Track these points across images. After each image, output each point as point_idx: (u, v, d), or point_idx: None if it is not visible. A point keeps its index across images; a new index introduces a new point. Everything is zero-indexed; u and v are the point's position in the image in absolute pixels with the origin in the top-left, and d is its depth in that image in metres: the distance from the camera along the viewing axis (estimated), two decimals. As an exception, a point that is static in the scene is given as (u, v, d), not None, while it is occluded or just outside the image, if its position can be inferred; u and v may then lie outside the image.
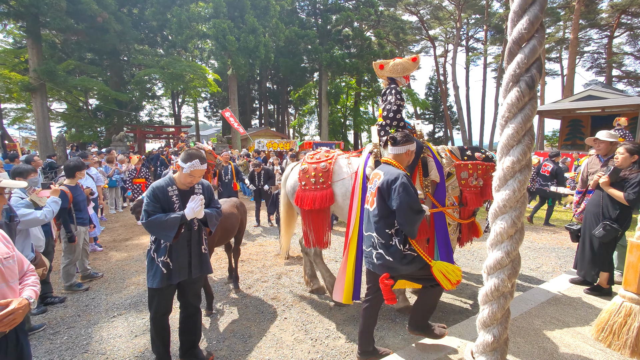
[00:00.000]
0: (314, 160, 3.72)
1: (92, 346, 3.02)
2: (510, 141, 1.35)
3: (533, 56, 1.24)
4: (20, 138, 22.16)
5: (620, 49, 29.60)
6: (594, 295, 3.64)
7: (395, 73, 3.46)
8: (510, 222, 1.41)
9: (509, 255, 1.45)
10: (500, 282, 1.48)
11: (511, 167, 1.35)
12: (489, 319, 1.60)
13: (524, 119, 1.30)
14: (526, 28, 1.21)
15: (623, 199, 3.32)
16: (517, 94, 1.29)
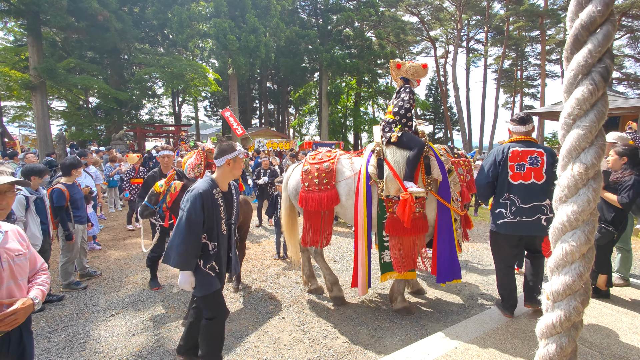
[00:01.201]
0: (316, 161, 3.69)
1: (89, 345, 3.02)
2: (582, 143, 1.13)
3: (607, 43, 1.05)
4: (20, 136, 22.14)
5: (621, 51, 29.62)
6: (592, 298, 3.64)
7: (411, 75, 3.59)
8: (583, 239, 1.18)
9: (582, 278, 1.21)
10: (572, 310, 1.23)
11: (584, 174, 1.13)
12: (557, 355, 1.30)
13: (597, 116, 1.10)
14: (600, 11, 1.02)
15: (617, 202, 3.32)
16: (590, 87, 1.07)
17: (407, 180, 3.22)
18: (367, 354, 2.88)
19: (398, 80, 3.69)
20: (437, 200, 3.30)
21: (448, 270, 3.30)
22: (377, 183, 3.34)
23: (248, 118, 33.90)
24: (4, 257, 1.56)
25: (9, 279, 1.57)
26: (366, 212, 3.36)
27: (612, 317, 3.22)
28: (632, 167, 3.40)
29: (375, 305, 3.79)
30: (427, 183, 3.30)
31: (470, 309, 3.71)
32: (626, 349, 2.70)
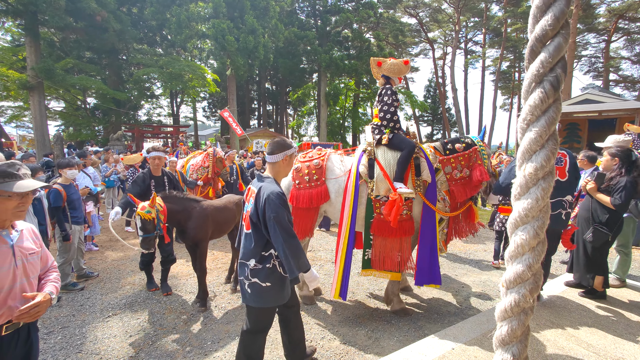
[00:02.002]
0: (307, 159, 3.69)
1: (86, 346, 3.01)
2: (533, 146, 1.24)
3: (558, 54, 1.14)
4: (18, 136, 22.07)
5: (618, 53, 29.81)
6: (589, 299, 3.66)
7: (392, 73, 3.53)
8: (532, 233, 1.31)
9: (531, 269, 1.35)
10: (521, 297, 1.39)
11: (534, 174, 1.25)
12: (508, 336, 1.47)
13: (548, 122, 1.20)
14: (551, 24, 1.11)
15: (610, 204, 3.34)
16: (540, 95, 1.18)
17: (397, 181, 3.21)
18: (365, 355, 2.87)
19: (379, 78, 3.63)
20: (423, 202, 3.28)
21: (426, 273, 3.29)
22: (368, 183, 3.34)
23: (247, 119, 33.89)
24: (19, 255, 1.58)
25: (22, 276, 1.60)
26: (351, 211, 3.32)
27: (608, 318, 3.23)
28: (623, 168, 3.43)
29: (372, 307, 3.79)
30: (416, 184, 3.29)
31: (467, 310, 3.72)
32: (622, 350, 2.72)
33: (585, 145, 14.25)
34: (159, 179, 4.13)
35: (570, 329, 3.01)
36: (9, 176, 1.53)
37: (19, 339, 1.62)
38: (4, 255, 1.52)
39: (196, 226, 3.56)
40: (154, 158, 4.12)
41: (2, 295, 1.50)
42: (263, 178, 2.26)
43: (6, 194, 1.52)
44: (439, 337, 2.84)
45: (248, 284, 2.18)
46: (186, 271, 4.77)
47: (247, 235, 2.23)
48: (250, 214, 2.17)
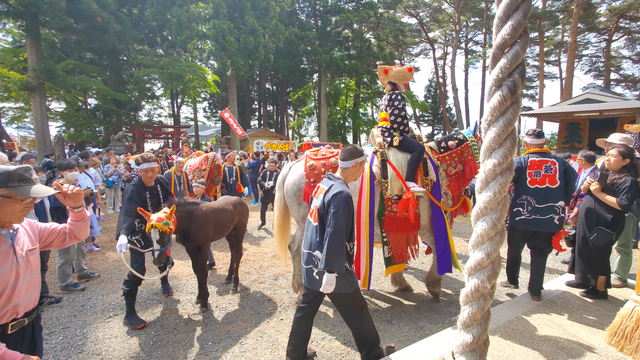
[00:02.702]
0: (320, 157, 3.69)
1: (87, 346, 3.01)
2: (492, 144, 1.35)
3: (516, 61, 1.25)
4: (19, 137, 22.11)
5: (619, 53, 29.77)
6: (590, 299, 3.65)
7: (398, 79, 3.75)
8: (491, 224, 1.41)
9: (489, 257, 1.46)
10: (480, 283, 1.50)
11: (492, 170, 1.35)
12: (468, 319, 1.60)
13: (505, 122, 1.30)
14: (509, 34, 1.22)
15: (616, 204, 3.32)
16: (499, 98, 1.29)
17: (409, 181, 3.42)
18: (366, 356, 2.87)
19: (386, 85, 3.85)
20: (430, 200, 3.55)
21: (444, 263, 3.56)
22: (382, 183, 3.49)
23: (247, 119, 33.90)
24: (19, 253, 1.59)
25: (26, 273, 1.62)
26: (369, 210, 3.47)
27: (610, 318, 3.22)
28: (628, 169, 3.41)
29: (373, 307, 3.79)
30: (425, 183, 3.52)
31: (468, 310, 3.72)
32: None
33: (586, 145, 14.22)
34: (153, 190, 3.63)
35: (571, 329, 3.01)
36: (25, 180, 1.55)
37: (24, 336, 1.63)
38: (5, 254, 1.53)
39: (198, 229, 3.52)
40: (146, 171, 3.52)
41: (6, 293, 1.51)
42: (334, 178, 2.49)
43: (20, 198, 1.53)
44: (439, 338, 2.84)
45: (317, 272, 2.43)
46: (187, 272, 4.78)
47: (314, 227, 2.45)
48: (319, 207, 2.40)
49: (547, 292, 3.84)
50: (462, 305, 1.60)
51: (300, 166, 3.76)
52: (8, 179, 1.48)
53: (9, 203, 1.50)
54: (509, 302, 3.60)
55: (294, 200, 3.76)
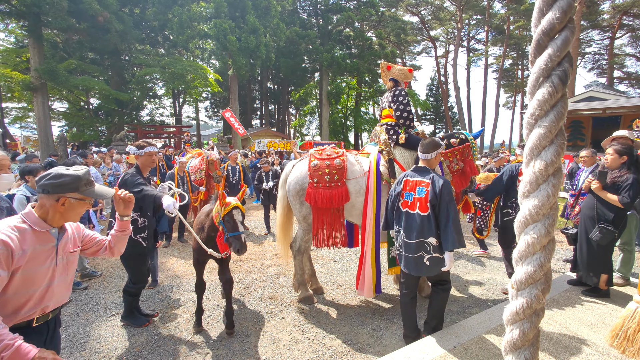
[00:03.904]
0: (325, 157, 3.63)
1: (89, 345, 3.03)
2: (542, 142, 1.21)
3: (565, 48, 1.12)
4: (22, 137, 22.22)
5: (622, 50, 29.55)
6: (592, 297, 3.63)
7: (399, 77, 3.81)
8: (543, 231, 1.26)
9: (543, 268, 1.30)
10: (533, 298, 1.33)
11: (544, 170, 1.22)
12: (520, 340, 1.41)
13: (556, 116, 1.17)
14: (559, 18, 1.09)
15: (618, 202, 3.32)
16: (549, 90, 1.15)
17: None
18: (367, 354, 2.88)
19: (387, 82, 3.87)
20: None
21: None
22: (390, 182, 3.48)
23: (249, 118, 33.93)
24: (60, 254, 1.61)
25: (61, 275, 1.64)
26: (375, 211, 3.45)
27: (612, 317, 3.21)
28: (628, 166, 3.40)
29: (374, 306, 3.79)
30: None
31: (469, 309, 3.71)
32: (626, 348, 2.70)
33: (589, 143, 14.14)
34: (148, 181, 3.34)
35: (573, 328, 3.00)
36: (90, 183, 1.62)
37: (48, 330, 1.66)
38: (47, 254, 1.55)
39: None
40: (151, 154, 3.26)
41: (39, 291, 1.53)
42: (426, 170, 2.78)
43: (88, 200, 1.61)
44: (440, 336, 2.83)
45: (428, 258, 2.70)
46: (188, 271, 4.79)
47: (424, 217, 2.67)
48: (430, 198, 2.65)
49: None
50: (510, 324, 1.42)
51: (304, 165, 3.71)
52: (80, 184, 1.56)
53: (80, 205, 1.58)
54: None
55: (296, 200, 3.71)
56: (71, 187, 1.54)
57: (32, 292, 1.50)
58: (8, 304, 1.45)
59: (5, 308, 1.45)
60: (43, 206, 1.53)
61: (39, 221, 1.52)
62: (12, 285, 1.43)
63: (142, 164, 3.26)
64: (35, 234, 1.51)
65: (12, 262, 1.40)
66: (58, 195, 1.52)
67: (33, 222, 1.51)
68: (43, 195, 1.52)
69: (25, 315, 1.50)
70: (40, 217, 1.53)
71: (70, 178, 1.54)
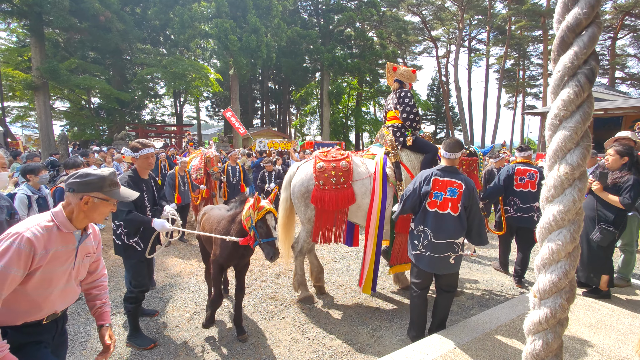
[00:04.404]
0: (330, 159, 3.59)
1: (90, 343, 3.04)
2: (567, 144, 1.14)
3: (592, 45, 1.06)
4: (23, 136, 22.27)
5: (624, 51, 29.49)
6: (592, 298, 3.63)
7: (404, 78, 3.84)
8: (569, 238, 1.19)
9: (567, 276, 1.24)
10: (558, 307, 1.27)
11: (570, 174, 1.15)
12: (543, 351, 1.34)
13: (583, 117, 1.11)
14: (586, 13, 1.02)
15: (619, 203, 3.32)
16: (576, 89, 1.08)
17: None
18: (367, 354, 2.88)
19: (392, 83, 3.88)
20: None
21: None
22: (396, 185, 3.49)
23: (249, 118, 33.94)
24: (79, 257, 1.63)
25: (75, 277, 1.65)
26: (379, 213, 3.47)
27: (612, 318, 3.21)
28: (629, 167, 3.40)
29: (374, 306, 3.79)
30: None
31: (469, 310, 3.71)
32: (627, 349, 2.69)
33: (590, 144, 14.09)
34: (148, 183, 3.10)
35: (573, 329, 2.99)
36: (115, 185, 1.65)
37: (57, 327, 1.67)
38: (68, 255, 1.56)
39: None
40: (147, 157, 3.01)
41: (54, 293, 1.54)
42: (454, 171, 2.80)
43: (112, 201, 1.64)
44: (440, 336, 2.83)
45: (454, 257, 2.76)
46: (189, 270, 4.80)
47: (454, 217, 2.72)
48: (464, 199, 2.70)
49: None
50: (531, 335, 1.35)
51: (309, 167, 3.66)
52: (104, 184, 1.59)
53: (104, 205, 1.61)
54: (511, 301, 3.59)
55: (300, 202, 3.66)
56: (95, 186, 1.57)
57: (49, 293, 1.51)
58: (24, 301, 1.46)
59: (20, 305, 1.46)
60: (69, 205, 1.57)
61: (66, 221, 1.55)
62: (30, 283, 1.44)
63: (140, 167, 3.04)
64: (61, 235, 1.53)
65: (33, 263, 1.42)
66: (82, 194, 1.55)
67: (60, 221, 1.54)
68: (69, 193, 1.57)
69: (38, 315, 1.52)
70: (67, 217, 1.56)
71: (96, 177, 1.58)
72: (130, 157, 3.06)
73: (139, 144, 3.02)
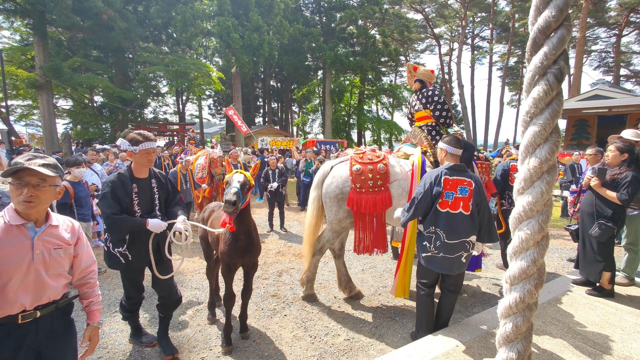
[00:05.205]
0: (367, 161, 3.51)
1: (93, 340, 3.05)
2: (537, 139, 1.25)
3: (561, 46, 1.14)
4: (27, 134, 22.39)
5: (629, 48, 29.23)
6: (596, 296, 3.61)
7: (425, 77, 3.89)
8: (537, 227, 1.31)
9: (536, 263, 1.35)
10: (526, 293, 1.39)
11: (538, 167, 1.26)
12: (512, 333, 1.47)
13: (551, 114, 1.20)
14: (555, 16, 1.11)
15: (616, 199, 3.34)
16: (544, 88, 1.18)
17: None
18: (369, 352, 2.88)
19: (413, 83, 3.92)
20: None
21: (474, 260, 3.77)
22: None
23: (252, 116, 33.96)
24: (39, 249, 1.58)
25: (40, 270, 1.59)
26: None
27: (616, 316, 3.19)
28: (628, 164, 3.41)
29: (377, 304, 3.79)
30: None
31: (472, 308, 3.70)
32: (630, 348, 2.68)
33: (594, 142, 14.00)
34: (144, 183, 2.64)
35: (576, 327, 2.98)
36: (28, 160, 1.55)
37: (38, 329, 1.63)
38: (19, 247, 1.53)
39: (258, 238, 3.04)
40: (148, 152, 2.57)
41: (10, 285, 1.51)
42: (459, 169, 2.75)
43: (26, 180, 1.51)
44: (443, 335, 2.83)
45: (466, 256, 2.73)
46: (191, 267, 4.82)
47: (466, 216, 2.69)
48: (475, 197, 2.69)
49: (553, 290, 3.81)
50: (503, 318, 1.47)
51: (344, 169, 3.56)
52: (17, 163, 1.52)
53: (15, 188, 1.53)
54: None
55: (333, 203, 3.56)
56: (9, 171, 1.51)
57: (4, 284, 1.49)
58: None
59: None
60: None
61: (14, 214, 1.54)
62: None
63: (137, 163, 2.59)
64: (10, 227, 1.51)
65: None
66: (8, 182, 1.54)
67: (10, 215, 1.53)
68: None
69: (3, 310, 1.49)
70: (14, 209, 1.54)
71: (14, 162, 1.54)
72: (127, 152, 2.56)
73: (140, 135, 2.56)
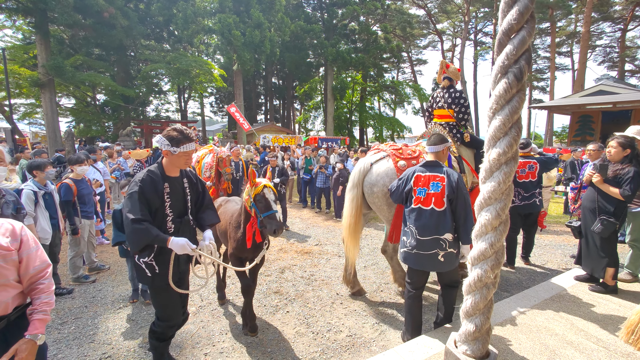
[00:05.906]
0: (408, 156, 3.47)
1: (98, 336, 3.09)
2: (497, 133, 1.35)
3: (522, 47, 1.23)
4: (30, 133, 22.51)
5: (634, 43, 28.88)
6: (599, 293, 3.60)
7: (454, 76, 4.04)
8: (494, 214, 1.42)
9: (493, 247, 1.47)
10: (483, 272, 1.52)
11: (497, 159, 1.36)
12: (471, 308, 1.64)
13: (511, 110, 1.29)
14: (515, 19, 1.20)
15: (619, 195, 3.33)
16: (505, 86, 1.28)
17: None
18: (371, 348, 2.89)
19: (442, 80, 4.06)
20: None
21: None
22: None
23: (253, 114, 33.95)
24: None
25: None
26: None
27: (619, 312, 3.18)
28: (630, 159, 3.39)
29: (379, 300, 3.80)
30: None
31: (474, 304, 3.70)
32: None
33: (598, 138, 13.90)
34: (176, 182, 2.25)
35: (579, 323, 2.97)
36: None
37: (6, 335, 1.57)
38: None
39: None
40: (188, 154, 2.19)
41: None
42: (438, 164, 2.77)
43: None
44: (444, 331, 2.83)
45: (443, 254, 2.65)
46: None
47: (439, 213, 2.64)
48: (447, 193, 2.62)
49: (556, 286, 3.80)
50: (465, 294, 1.64)
51: (389, 165, 3.44)
52: None
53: None
54: (516, 296, 3.57)
55: (383, 202, 3.44)
56: None
57: None
58: None
59: None
60: None
61: None
62: None
63: (171, 163, 2.21)
64: None
65: None
66: None
67: None
68: None
69: None
70: None
71: None
72: (163, 151, 2.17)
73: (180, 134, 2.13)
